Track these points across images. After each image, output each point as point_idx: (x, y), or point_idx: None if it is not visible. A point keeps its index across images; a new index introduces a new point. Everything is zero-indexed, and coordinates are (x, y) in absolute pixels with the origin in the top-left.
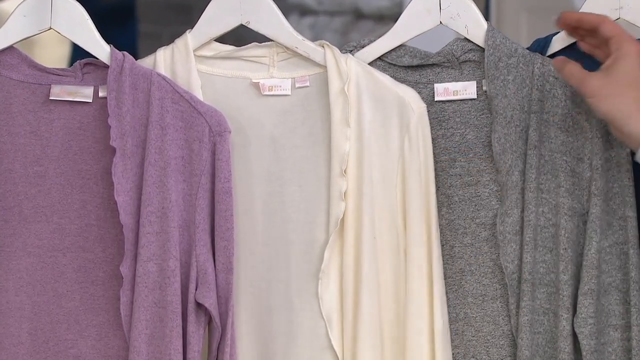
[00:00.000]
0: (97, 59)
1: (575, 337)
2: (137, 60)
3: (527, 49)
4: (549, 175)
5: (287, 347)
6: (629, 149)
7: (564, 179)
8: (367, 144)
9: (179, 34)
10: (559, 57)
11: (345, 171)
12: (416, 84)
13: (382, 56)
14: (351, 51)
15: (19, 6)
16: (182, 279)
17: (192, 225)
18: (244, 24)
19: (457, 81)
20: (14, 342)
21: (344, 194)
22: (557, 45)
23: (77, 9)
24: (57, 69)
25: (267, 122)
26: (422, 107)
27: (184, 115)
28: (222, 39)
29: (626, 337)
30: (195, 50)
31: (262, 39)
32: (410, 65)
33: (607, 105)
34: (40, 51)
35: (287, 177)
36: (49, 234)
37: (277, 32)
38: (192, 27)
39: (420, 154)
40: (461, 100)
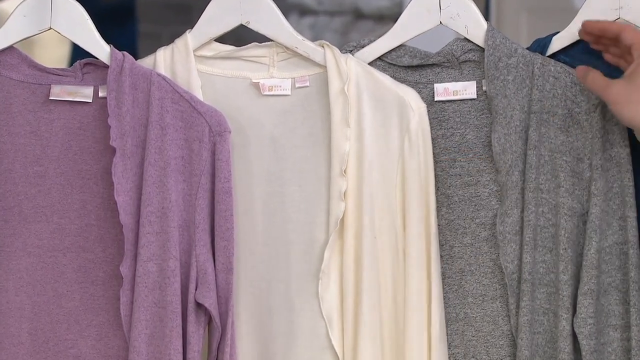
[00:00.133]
0: (97, 59)
1: (574, 337)
2: (137, 60)
3: (527, 49)
4: (549, 175)
5: (287, 347)
6: (629, 149)
7: (563, 179)
8: (367, 144)
9: (179, 34)
10: (581, 67)
11: (345, 171)
12: (416, 84)
13: (382, 56)
14: (351, 51)
15: (19, 6)
16: (182, 279)
17: (192, 225)
18: (244, 24)
19: (457, 81)
20: (14, 342)
21: (344, 194)
22: (557, 45)
23: (77, 9)
24: (57, 69)
25: (267, 122)
26: (422, 107)
27: (184, 115)
28: (222, 39)
29: (626, 337)
30: (195, 50)
31: (262, 39)
32: (410, 65)
33: (631, 111)
34: (40, 51)
35: (287, 177)
36: (49, 234)
37: (277, 32)
38: (192, 27)
39: (420, 154)
40: (461, 100)
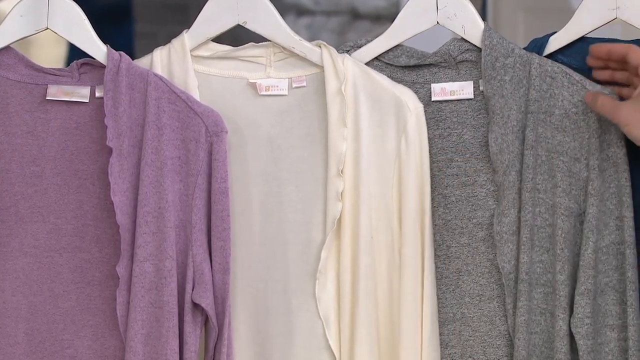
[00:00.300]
0: (94, 59)
1: (572, 337)
2: (134, 60)
3: (524, 48)
4: (546, 175)
5: (285, 347)
6: (626, 149)
7: (560, 179)
8: (364, 144)
9: (176, 34)
10: (589, 93)
11: (342, 171)
12: (413, 84)
13: (379, 56)
14: (348, 51)
15: (15, 6)
16: (178, 279)
17: (189, 225)
18: (241, 24)
19: (454, 81)
20: (11, 342)
21: (341, 194)
22: (554, 45)
23: (73, 9)
24: (54, 69)
25: (264, 122)
26: (419, 107)
27: (181, 115)
28: (219, 39)
29: (623, 337)
30: (192, 50)
31: (259, 39)
32: (407, 65)
33: None
34: (36, 51)
35: (284, 177)
36: (46, 234)
37: (274, 32)
38: (188, 27)
39: (416, 155)
40: (458, 100)
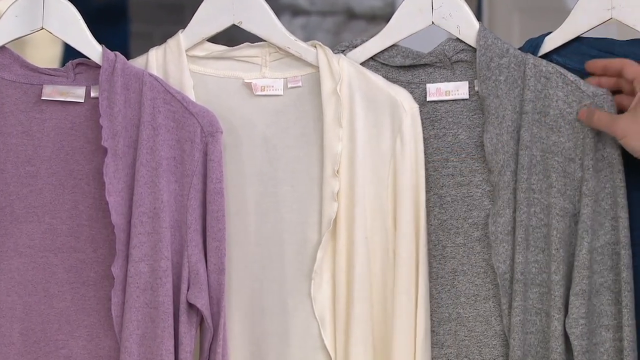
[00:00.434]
0: (89, 59)
1: (567, 337)
2: (129, 60)
3: (520, 49)
4: (541, 175)
5: (280, 347)
6: (620, 149)
7: (555, 179)
8: (359, 144)
9: (171, 34)
10: (584, 110)
11: (337, 172)
12: (408, 84)
13: (375, 56)
14: (343, 51)
15: (10, 6)
16: (173, 279)
17: (184, 225)
18: (237, 24)
19: (449, 81)
20: (5, 342)
21: (337, 194)
22: (549, 45)
23: (69, 9)
24: (49, 69)
25: (259, 122)
26: (415, 107)
27: (176, 115)
28: (214, 39)
29: (618, 337)
30: (187, 50)
31: (254, 39)
32: (402, 65)
33: (638, 142)
34: (32, 51)
35: (279, 177)
36: (41, 234)
37: (269, 32)
38: (184, 27)
39: (412, 155)
40: (453, 100)
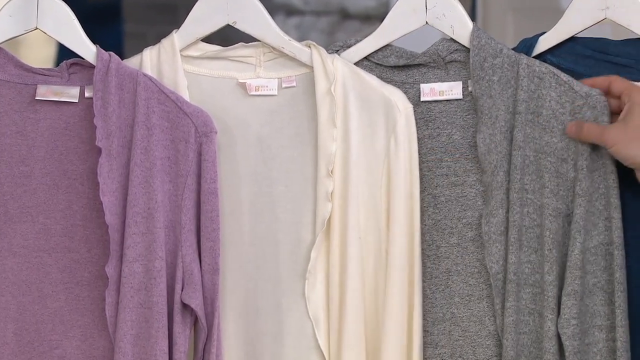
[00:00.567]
0: (83, 59)
1: (560, 337)
2: (123, 60)
3: (514, 49)
4: (534, 175)
5: (275, 347)
6: None
7: (548, 179)
8: (353, 144)
9: (165, 34)
10: (572, 123)
11: (331, 172)
12: (402, 84)
13: (369, 56)
14: (337, 51)
15: (4, 6)
16: (168, 279)
17: (178, 225)
18: (231, 24)
19: (443, 81)
20: None
21: (331, 194)
22: (543, 45)
23: (63, 9)
24: (43, 69)
25: (253, 122)
26: (409, 107)
27: (170, 115)
28: (208, 39)
29: (611, 337)
30: (181, 50)
31: (248, 39)
32: (396, 65)
33: (628, 150)
34: (26, 51)
35: (274, 177)
36: (35, 234)
37: (263, 32)
38: (178, 27)
39: (406, 155)
40: (447, 100)
